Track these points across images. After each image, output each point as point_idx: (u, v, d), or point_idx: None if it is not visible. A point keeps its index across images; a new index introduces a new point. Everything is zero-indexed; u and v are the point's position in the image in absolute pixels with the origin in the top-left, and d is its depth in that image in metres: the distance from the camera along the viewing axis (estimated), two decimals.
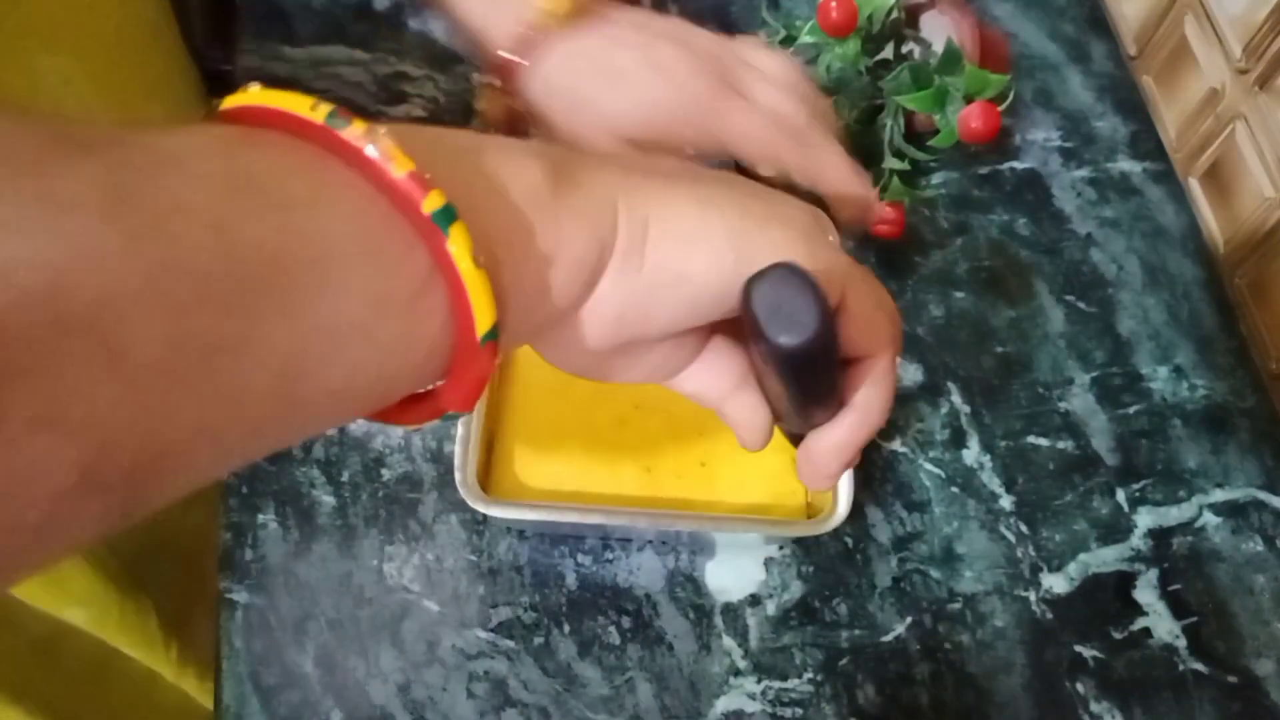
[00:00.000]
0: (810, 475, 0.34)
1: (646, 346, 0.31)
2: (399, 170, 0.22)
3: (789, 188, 0.42)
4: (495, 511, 0.46)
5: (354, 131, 0.22)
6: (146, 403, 0.19)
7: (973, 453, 0.55)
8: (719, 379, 0.33)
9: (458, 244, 0.23)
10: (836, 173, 0.45)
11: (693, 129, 0.43)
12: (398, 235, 0.23)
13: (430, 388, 0.27)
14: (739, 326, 0.30)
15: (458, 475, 0.46)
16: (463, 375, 0.26)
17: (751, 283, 0.27)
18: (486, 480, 0.48)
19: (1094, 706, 0.50)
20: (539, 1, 0.42)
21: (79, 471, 0.18)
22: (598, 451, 0.50)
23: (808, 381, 0.30)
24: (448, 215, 0.23)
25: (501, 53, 0.43)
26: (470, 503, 0.46)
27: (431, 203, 0.23)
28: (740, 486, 0.50)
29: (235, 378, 0.20)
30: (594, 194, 0.28)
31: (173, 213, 0.19)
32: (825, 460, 0.33)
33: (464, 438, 0.47)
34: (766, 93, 0.45)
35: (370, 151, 0.22)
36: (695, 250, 0.28)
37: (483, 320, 0.24)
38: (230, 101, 0.23)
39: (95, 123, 0.19)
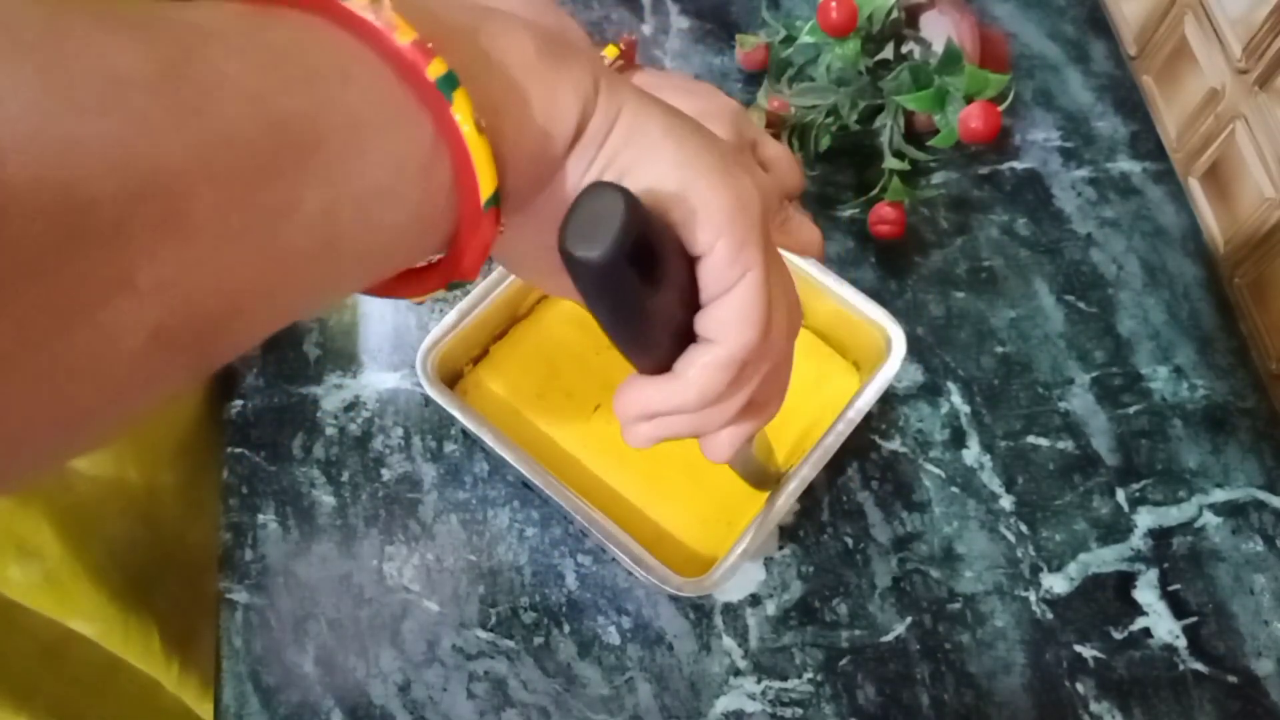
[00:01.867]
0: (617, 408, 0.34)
1: None
2: (403, 39, 0.23)
3: None
4: (437, 395, 0.48)
5: (359, 3, 0.23)
6: (208, 265, 0.20)
7: (973, 453, 0.55)
8: None
9: (461, 110, 0.24)
10: (811, 235, 0.46)
11: None
12: (406, 104, 0.24)
13: (436, 259, 0.28)
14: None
15: (420, 351, 0.48)
16: (468, 242, 0.27)
17: (580, 194, 0.27)
18: (463, 382, 0.50)
19: (1094, 706, 0.50)
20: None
21: (154, 330, 0.20)
22: (577, 399, 0.51)
23: (598, 307, 0.29)
24: (450, 82, 0.24)
25: None
26: (420, 378, 0.48)
27: (435, 70, 0.24)
28: (676, 504, 0.50)
29: (282, 239, 0.22)
30: (581, 70, 0.28)
31: (216, 87, 0.20)
32: (620, 398, 0.33)
33: (462, 309, 0.49)
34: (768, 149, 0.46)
35: (375, 21, 0.23)
36: (649, 164, 0.29)
37: (486, 185, 0.25)
38: None
39: None
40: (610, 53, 0.47)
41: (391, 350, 0.55)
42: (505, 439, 0.47)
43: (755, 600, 0.51)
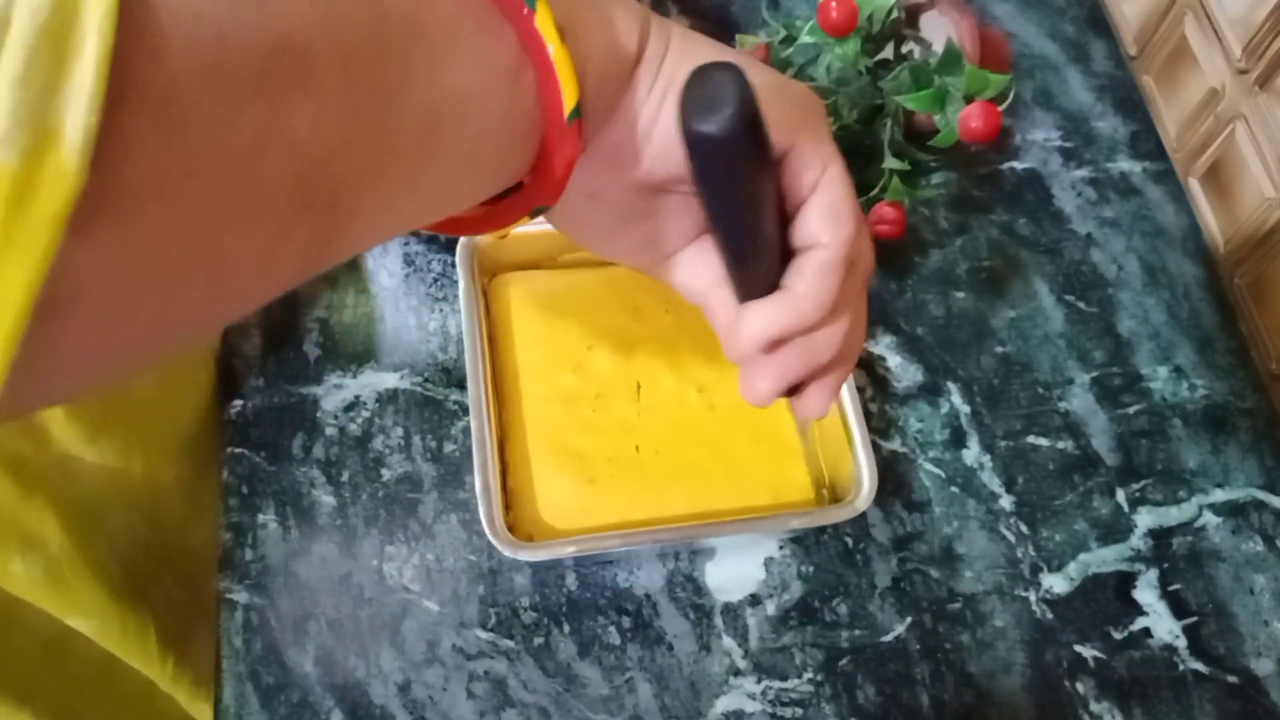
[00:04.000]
0: (730, 346, 0.34)
1: (645, 208, 0.33)
2: None
3: None
4: (530, 555, 0.46)
5: None
6: (334, 130, 0.22)
7: (973, 453, 0.55)
8: (705, 271, 0.34)
9: (544, 19, 0.26)
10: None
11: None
12: (491, 16, 0.26)
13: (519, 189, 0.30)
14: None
15: (485, 523, 0.45)
16: (554, 157, 0.28)
17: (690, 77, 0.27)
18: (510, 521, 0.47)
19: (1094, 706, 0.50)
20: None
21: (294, 181, 0.21)
22: (609, 473, 0.50)
23: (727, 198, 0.29)
24: None
25: None
26: (509, 553, 0.45)
27: None
28: (748, 489, 0.50)
29: (393, 121, 0.24)
30: (631, 4, 0.30)
31: None
32: (741, 331, 0.32)
33: (484, 487, 0.46)
34: None
35: None
36: None
37: (569, 97, 0.27)
38: None
39: None
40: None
41: (391, 350, 0.55)
42: (628, 534, 0.47)
43: (755, 600, 0.51)
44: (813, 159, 0.30)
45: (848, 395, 0.50)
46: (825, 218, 0.31)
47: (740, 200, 0.29)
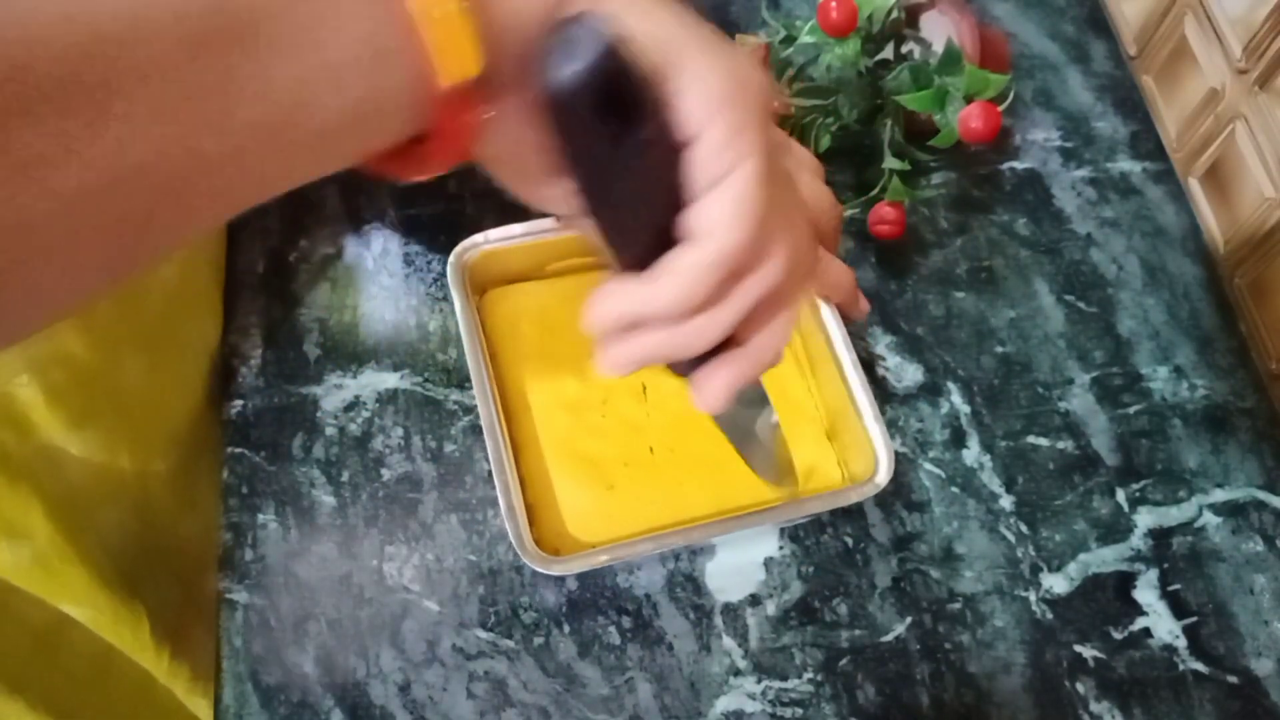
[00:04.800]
0: (591, 315, 0.31)
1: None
2: None
3: None
4: (566, 569, 0.45)
5: None
6: (149, 134, 0.20)
7: (973, 453, 0.55)
8: None
9: None
10: (840, 276, 0.47)
11: None
12: None
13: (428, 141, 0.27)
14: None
15: (515, 543, 0.44)
16: (453, 120, 0.26)
17: (556, 23, 0.25)
18: (535, 536, 0.46)
19: (1094, 706, 0.50)
20: None
21: (95, 191, 0.20)
22: (627, 477, 0.50)
23: (572, 154, 0.27)
24: None
25: None
26: (542, 569, 0.45)
27: None
28: (756, 485, 0.50)
29: (233, 114, 0.22)
30: None
31: None
32: (593, 304, 0.30)
33: (508, 507, 0.45)
34: (809, 183, 0.44)
35: None
36: (640, 33, 0.27)
37: (469, 63, 0.25)
38: None
39: None
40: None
41: (391, 350, 0.55)
42: (660, 537, 0.47)
43: (755, 600, 0.51)
44: (726, 150, 0.27)
45: (854, 374, 0.49)
46: (717, 215, 0.28)
47: (588, 162, 0.27)
